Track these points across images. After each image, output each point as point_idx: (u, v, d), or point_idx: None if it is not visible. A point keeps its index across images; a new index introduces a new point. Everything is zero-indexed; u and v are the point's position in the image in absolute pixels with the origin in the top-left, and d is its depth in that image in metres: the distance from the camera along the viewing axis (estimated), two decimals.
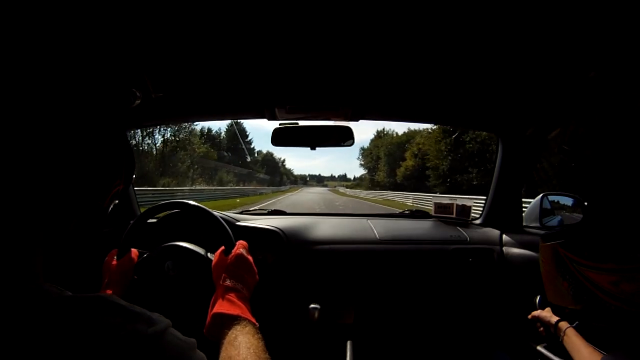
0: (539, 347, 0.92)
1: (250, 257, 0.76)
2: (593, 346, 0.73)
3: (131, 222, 0.95)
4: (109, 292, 0.78)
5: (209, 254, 0.88)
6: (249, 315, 0.60)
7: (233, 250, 0.76)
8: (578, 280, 0.41)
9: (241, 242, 0.80)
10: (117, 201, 0.41)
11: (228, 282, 0.67)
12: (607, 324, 0.41)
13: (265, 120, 1.28)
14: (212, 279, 0.72)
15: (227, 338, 0.54)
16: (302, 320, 1.14)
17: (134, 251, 0.90)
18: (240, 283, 0.67)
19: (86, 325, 0.29)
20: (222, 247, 0.79)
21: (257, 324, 0.60)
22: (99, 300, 0.31)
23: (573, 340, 0.77)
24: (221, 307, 0.61)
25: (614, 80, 0.41)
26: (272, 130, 1.24)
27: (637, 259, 0.35)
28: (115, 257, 0.86)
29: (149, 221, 1.09)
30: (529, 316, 0.94)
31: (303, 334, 1.20)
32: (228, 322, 0.58)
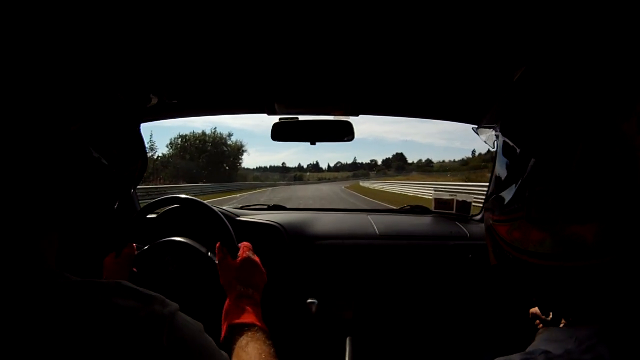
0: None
1: (257, 258, 0.76)
2: None
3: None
4: None
5: (209, 253, 0.88)
6: (260, 322, 0.61)
7: (239, 254, 0.75)
8: (493, 236, 0.44)
9: (245, 243, 0.79)
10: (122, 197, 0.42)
11: (239, 289, 0.66)
12: (510, 275, 0.43)
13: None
14: (219, 283, 0.71)
15: (239, 343, 0.55)
16: (302, 316, 1.15)
17: (132, 245, 0.90)
18: (250, 288, 0.67)
19: (105, 307, 0.30)
20: (224, 249, 0.77)
21: (267, 330, 0.60)
22: (114, 285, 0.32)
23: None
24: (235, 316, 0.61)
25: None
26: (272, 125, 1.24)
27: (518, 208, 0.39)
28: (114, 256, 0.87)
29: (148, 216, 1.10)
30: (530, 314, 0.94)
31: (303, 329, 1.21)
32: (240, 330, 0.59)
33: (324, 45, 0.81)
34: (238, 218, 1.23)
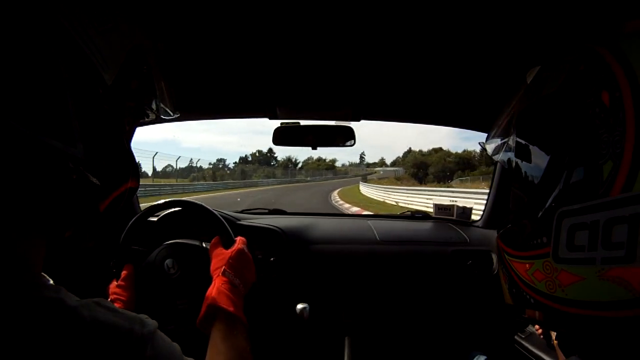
0: (516, 337, 1.04)
1: (249, 255, 0.75)
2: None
3: (132, 219, 0.95)
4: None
5: (204, 244, 0.87)
6: (242, 315, 0.60)
7: (234, 245, 0.74)
8: (509, 273, 0.37)
9: (241, 238, 0.78)
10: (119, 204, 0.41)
11: (228, 275, 0.65)
12: (531, 320, 0.38)
13: None
14: (209, 269, 0.71)
15: (218, 334, 0.54)
16: (301, 320, 1.14)
17: (130, 265, 0.87)
18: (238, 278, 0.66)
19: (85, 326, 0.29)
20: (218, 237, 0.77)
21: (247, 324, 0.60)
22: (95, 304, 0.32)
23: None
24: (219, 299, 0.59)
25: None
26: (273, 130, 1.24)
27: (542, 244, 0.31)
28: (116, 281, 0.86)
29: (149, 219, 1.09)
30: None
31: (303, 333, 1.20)
32: (221, 316, 0.57)
33: (326, 50, 0.81)
34: (239, 222, 1.23)
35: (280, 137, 1.24)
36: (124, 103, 0.39)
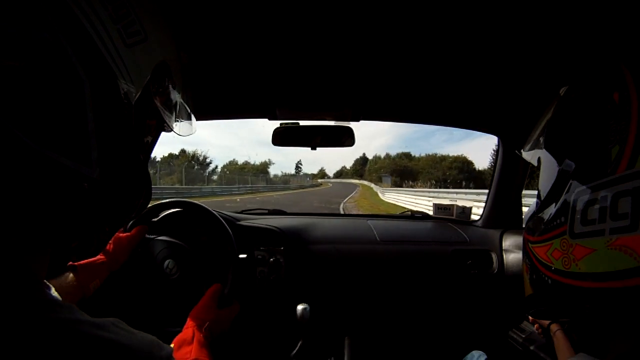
0: (515, 336, 1.05)
1: (232, 318, 0.84)
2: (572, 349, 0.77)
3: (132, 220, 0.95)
4: (103, 258, 0.78)
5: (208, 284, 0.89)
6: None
7: (227, 310, 0.82)
8: (531, 260, 0.42)
9: (237, 305, 0.86)
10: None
11: (207, 332, 0.72)
12: (550, 303, 0.40)
13: None
14: (190, 312, 0.76)
15: None
16: (301, 320, 1.14)
17: (145, 227, 0.91)
18: (211, 335, 0.74)
19: (105, 349, 0.28)
20: (220, 286, 0.83)
21: None
22: (112, 325, 0.31)
23: (560, 341, 0.79)
24: (201, 356, 0.65)
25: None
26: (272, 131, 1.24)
27: (559, 224, 0.36)
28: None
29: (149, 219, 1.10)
30: (529, 318, 0.95)
31: (303, 333, 1.20)
32: None
33: (325, 51, 0.82)
34: (238, 222, 1.23)
35: (280, 138, 1.24)
36: (145, 121, 0.38)
